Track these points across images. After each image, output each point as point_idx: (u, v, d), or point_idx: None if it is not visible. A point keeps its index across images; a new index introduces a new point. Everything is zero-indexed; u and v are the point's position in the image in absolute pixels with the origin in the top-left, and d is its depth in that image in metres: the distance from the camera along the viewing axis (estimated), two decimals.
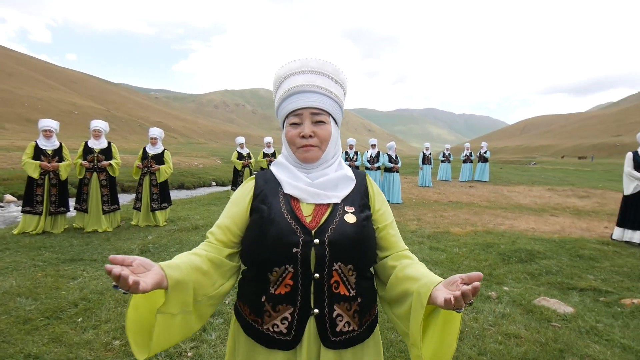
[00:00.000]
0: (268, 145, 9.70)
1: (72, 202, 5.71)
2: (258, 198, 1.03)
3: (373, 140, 9.96)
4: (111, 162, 5.62)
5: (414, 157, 33.76)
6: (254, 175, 1.11)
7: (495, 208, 8.87)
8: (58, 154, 5.47)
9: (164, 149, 6.19)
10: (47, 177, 5.36)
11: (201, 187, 16.74)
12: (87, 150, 5.60)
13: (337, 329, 0.96)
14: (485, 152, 15.41)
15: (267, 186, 1.06)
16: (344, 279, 0.97)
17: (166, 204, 6.16)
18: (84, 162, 5.52)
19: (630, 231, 5.38)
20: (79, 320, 2.70)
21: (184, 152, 29.03)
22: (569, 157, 71.72)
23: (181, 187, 14.26)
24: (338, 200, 1.03)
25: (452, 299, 0.74)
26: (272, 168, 1.11)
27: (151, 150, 6.10)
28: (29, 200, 5.33)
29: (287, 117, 1.04)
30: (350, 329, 0.98)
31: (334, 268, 0.95)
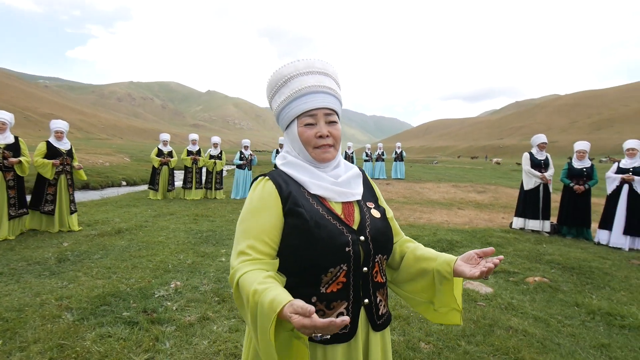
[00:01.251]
0: (193, 142, 9.21)
1: None
2: (290, 201, 0.99)
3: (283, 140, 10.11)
4: (20, 159, 4.87)
5: None
6: (266, 177, 1.06)
7: (412, 203, 9.65)
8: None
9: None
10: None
11: (110, 187, 15.23)
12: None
13: (380, 313, 1.06)
14: (401, 152, 16.63)
15: (291, 188, 1.03)
16: (381, 268, 1.07)
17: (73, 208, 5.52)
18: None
19: (528, 220, 6.33)
20: (0, 342, 2.33)
21: (84, 148, 25.98)
22: (463, 157, 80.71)
23: (86, 187, 12.79)
24: (359, 197, 1.08)
25: (485, 273, 0.91)
26: (285, 169, 1.08)
27: (61, 146, 5.38)
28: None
29: (298, 117, 1.04)
30: (386, 311, 1.09)
31: (376, 260, 1.03)
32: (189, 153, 9.13)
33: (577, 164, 6.13)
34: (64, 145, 5.39)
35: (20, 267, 3.79)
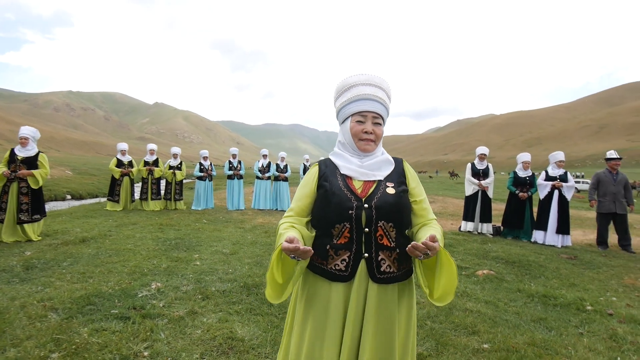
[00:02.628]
0: (151, 152, 9.06)
1: None
2: (322, 178, 1.42)
3: (264, 151, 10.32)
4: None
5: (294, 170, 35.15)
6: (316, 163, 1.48)
7: None
8: None
9: (39, 152, 5.38)
10: None
11: (54, 200, 14.37)
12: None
13: (382, 269, 1.33)
14: None
15: (328, 169, 1.44)
16: (387, 233, 1.34)
17: (39, 216, 5.31)
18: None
19: (470, 223, 7.02)
20: None
21: None
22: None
23: None
24: (382, 178, 1.41)
25: (408, 251, 1.21)
26: (331, 156, 1.49)
27: (21, 153, 5.22)
28: None
29: (352, 115, 1.40)
30: (391, 270, 1.34)
31: (379, 225, 1.33)
32: (146, 163, 8.96)
33: (521, 174, 6.92)
34: (24, 153, 5.23)
35: None
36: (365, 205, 1.33)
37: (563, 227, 6.25)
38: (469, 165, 7.24)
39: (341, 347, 1.30)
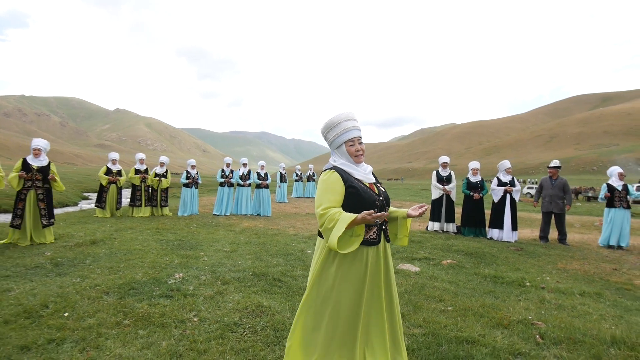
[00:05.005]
0: (141, 161, 9.49)
1: None
2: (347, 182, 2.09)
3: (244, 160, 10.96)
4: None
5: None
6: (332, 170, 2.14)
7: None
8: None
9: (50, 162, 5.81)
10: None
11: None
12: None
13: (387, 234, 2.17)
14: None
15: (346, 175, 2.13)
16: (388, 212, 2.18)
17: (53, 220, 5.75)
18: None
19: (437, 223, 8.03)
20: (66, 314, 2.92)
21: None
22: (380, 179, 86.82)
23: None
24: (374, 181, 2.22)
25: (422, 213, 2.07)
26: (340, 166, 2.17)
27: (35, 163, 5.63)
28: None
29: (346, 141, 2.16)
30: (388, 234, 2.20)
31: (386, 209, 2.15)
32: (137, 172, 9.38)
33: (472, 179, 8.03)
34: (38, 163, 5.66)
35: (21, 271, 4.13)
36: (380, 198, 2.14)
37: (514, 225, 7.38)
38: (434, 172, 8.27)
39: (373, 281, 2.09)
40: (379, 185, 2.23)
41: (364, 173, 2.18)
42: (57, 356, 2.29)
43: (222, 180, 10.41)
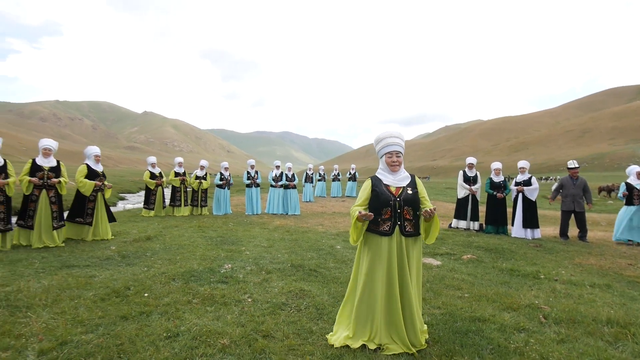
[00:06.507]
0: (180, 164, 10.34)
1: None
2: (374, 186, 2.72)
3: (277, 162, 11.63)
4: (60, 179, 5.85)
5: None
6: (369, 178, 2.79)
7: None
8: (3, 170, 5.46)
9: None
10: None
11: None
12: (36, 168, 5.73)
13: (406, 230, 2.69)
14: (355, 173, 18.68)
15: (376, 181, 2.76)
16: (409, 212, 2.70)
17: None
18: (33, 179, 5.64)
19: (463, 221, 8.43)
20: (146, 295, 3.59)
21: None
22: None
23: None
24: (404, 185, 2.76)
25: (424, 214, 2.63)
26: (377, 174, 2.81)
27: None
28: None
29: (385, 154, 2.75)
30: (410, 230, 2.70)
31: (404, 208, 2.68)
32: (177, 174, 10.21)
33: (495, 179, 8.37)
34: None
35: (96, 262, 4.88)
36: (398, 199, 2.68)
37: (531, 223, 7.70)
38: (461, 172, 8.67)
39: (389, 266, 2.63)
40: (407, 189, 2.75)
41: (394, 179, 2.76)
42: (149, 323, 2.94)
43: (249, 182, 11.11)
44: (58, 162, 6.01)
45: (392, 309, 2.63)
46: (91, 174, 6.32)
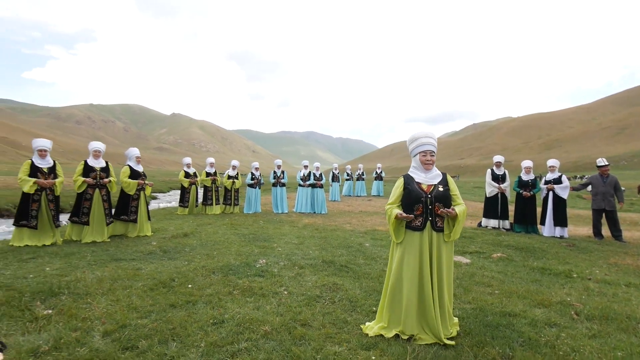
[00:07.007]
0: (211, 165, 10.74)
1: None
2: (406, 184, 2.87)
3: (305, 162, 11.87)
4: (110, 178, 6.31)
5: None
6: (401, 176, 2.94)
7: None
8: (52, 171, 5.92)
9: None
10: (44, 193, 5.78)
11: None
12: (89, 169, 6.21)
13: (437, 225, 2.81)
14: (380, 172, 18.70)
15: (408, 179, 2.90)
16: (440, 208, 2.82)
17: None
18: (88, 180, 6.12)
19: (493, 220, 8.37)
20: (189, 286, 3.85)
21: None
22: None
23: None
24: (436, 182, 2.88)
25: (441, 212, 2.76)
26: (409, 173, 2.96)
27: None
28: (24, 214, 5.66)
29: (419, 152, 2.89)
30: (442, 225, 2.84)
31: (435, 204, 2.81)
32: (208, 174, 10.61)
33: (524, 177, 8.27)
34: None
35: (140, 256, 5.23)
36: (429, 196, 2.80)
37: (560, 221, 7.60)
38: (489, 171, 8.62)
39: (421, 260, 2.77)
40: (439, 186, 2.87)
41: (426, 177, 2.90)
42: (196, 311, 3.18)
43: (274, 180, 11.39)
44: (107, 162, 6.47)
45: (424, 301, 2.76)
46: (133, 174, 6.74)
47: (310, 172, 11.68)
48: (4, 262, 4.65)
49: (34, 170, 5.74)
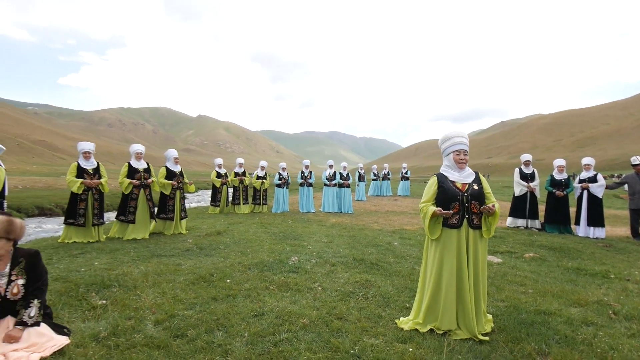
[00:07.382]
0: (240, 165, 11.06)
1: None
2: (440, 183, 2.94)
3: (330, 162, 12.00)
4: (152, 179, 6.72)
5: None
6: (434, 175, 3.00)
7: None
8: (97, 172, 6.30)
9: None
10: (90, 192, 6.16)
11: None
12: (133, 170, 6.63)
13: (474, 223, 2.87)
14: (406, 172, 18.60)
15: (442, 178, 2.97)
16: (476, 206, 2.88)
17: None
18: (134, 181, 6.54)
19: (521, 220, 8.24)
20: (228, 281, 4.05)
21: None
22: None
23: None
24: (470, 181, 2.94)
25: (480, 210, 2.81)
26: (442, 171, 3.03)
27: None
28: (72, 213, 6.05)
29: (453, 152, 2.96)
30: (478, 223, 2.89)
31: (472, 202, 2.86)
32: (236, 175, 10.92)
33: (557, 176, 8.09)
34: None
35: (179, 252, 5.49)
36: (465, 194, 2.86)
37: (596, 221, 7.39)
38: (517, 169, 8.48)
39: (459, 257, 2.83)
40: (473, 185, 2.94)
41: (460, 176, 2.97)
42: (236, 304, 3.36)
43: (302, 180, 11.57)
44: (148, 164, 6.83)
45: (461, 298, 2.82)
46: (170, 175, 7.06)
47: (335, 171, 11.79)
48: (57, 257, 5.01)
49: (81, 172, 6.12)
